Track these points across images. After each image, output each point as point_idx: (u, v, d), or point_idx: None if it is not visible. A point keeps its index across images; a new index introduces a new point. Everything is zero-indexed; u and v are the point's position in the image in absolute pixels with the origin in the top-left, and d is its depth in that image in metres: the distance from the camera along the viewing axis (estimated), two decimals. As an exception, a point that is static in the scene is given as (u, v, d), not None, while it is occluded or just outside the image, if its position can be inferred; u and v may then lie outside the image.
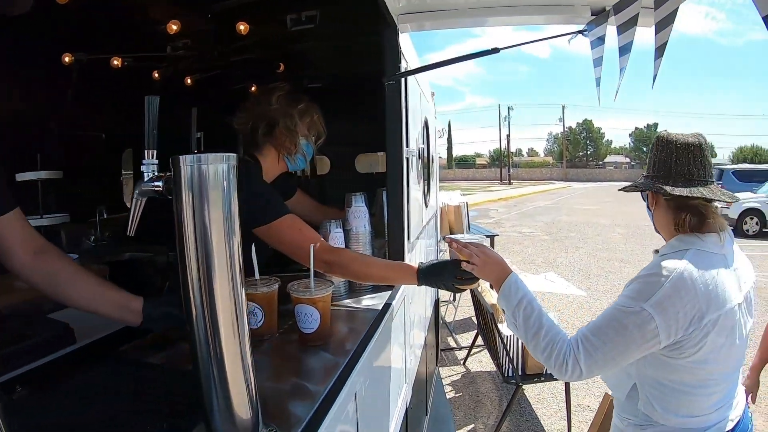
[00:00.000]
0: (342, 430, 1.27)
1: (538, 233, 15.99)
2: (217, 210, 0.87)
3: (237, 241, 0.90)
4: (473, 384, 5.09)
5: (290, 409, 1.16)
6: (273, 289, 1.62)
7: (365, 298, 2.04)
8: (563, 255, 12.10)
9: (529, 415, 4.48)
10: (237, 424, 0.92)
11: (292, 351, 1.58)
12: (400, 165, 2.15)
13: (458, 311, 7.11)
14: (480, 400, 4.74)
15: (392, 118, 2.15)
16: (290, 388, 1.30)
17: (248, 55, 2.95)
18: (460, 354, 5.79)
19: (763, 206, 15.36)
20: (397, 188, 2.16)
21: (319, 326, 1.56)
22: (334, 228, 2.03)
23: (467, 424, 4.31)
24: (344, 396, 1.24)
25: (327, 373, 1.34)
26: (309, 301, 1.55)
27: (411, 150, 2.25)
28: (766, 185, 16.46)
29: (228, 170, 0.88)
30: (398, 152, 2.15)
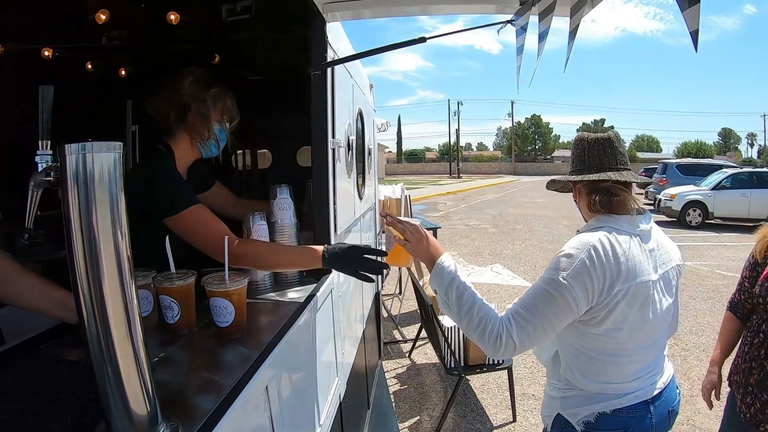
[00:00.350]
0: (250, 423, 1.26)
1: (485, 226, 16.20)
2: (103, 200, 0.84)
3: (124, 233, 0.87)
4: (418, 376, 5.10)
5: (197, 404, 1.13)
6: (189, 282, 1.57)
7: (290, 291, 1.99)
8: (510, 247, 12.28)
9: (474, 405, 4.51)
10: (134, 421, 0.90)
11: (208, 345, 1.53)
12: (325, 156, 2.11)
13: (404, 304, 7.15)
14: (425, 392, 4.76)
15: (318, 108, 2.11)
16: (200, 383, 1.27)
17: (182, 46, 2.86)
18: (406, 347, 5.80)
19: (706, 198, 16.02)
20: (322, 179, 2.12)
21: (235, 320, 1.52)
22: (258, 220, 1.98)
23: (412, 417, 4.31)
24: (251, 389, 1.22)
25: (239, 367, 1.30)
26: (223, 294, 1.51)
27: (337, 141, 2.21)
28: (708, 178, 17.17)
29: (115, 159, 0.85)
30: (323, 143, 2.11)
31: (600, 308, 1.70)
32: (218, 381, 1.24)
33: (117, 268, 0.86)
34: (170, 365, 1.39)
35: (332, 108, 2.18)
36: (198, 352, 1.52)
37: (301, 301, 1.82)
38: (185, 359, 1.47)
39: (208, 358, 1.48)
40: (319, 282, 2.04)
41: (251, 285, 1.95)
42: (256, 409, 1.28)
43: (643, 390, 1.81)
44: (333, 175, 2.18)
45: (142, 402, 0.91)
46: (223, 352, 1.48)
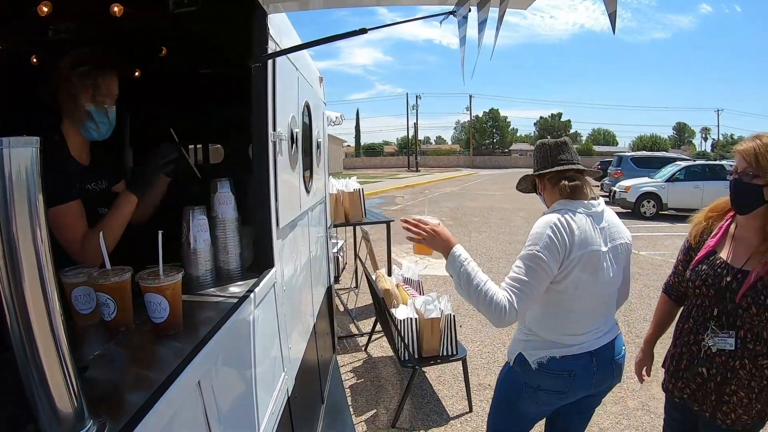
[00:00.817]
0: (181, 418, 1.24)
1: (442, 218, 16.22)
2: (21, 198, 0.85)
3: (42, 228, 0.88)
4: (375, 369, 5.11)
5: (128, 400, 1.13)
6: (124, 278, 1.54)
7: (232, 285, 1.97)
8: (466, 239, 12.41)
9: (431, 397, 4.54)
10: (60, 419, 0.92)
11: (144, 342, 1.51)
12: (265, 149, 2.09)
13: (360, 298, 7.14)
14: (382, 386, 4.76)
15: (257, 100, 2.08)
16: (133, 380, 1.26)
17: (127, 39, 2.81)
18: (362, 340, 5.79)
19: (660, 190, 16.50)
20: (262, 172, 2.09)
21: (170, 315, 1.49)
22: (198, 215, 1.94)
23: (369, 410, 4.31)
24: (181, 384, 1.21)
25: (172, 363, 1.29)
26: (156, 290, 1.48)
27: (279, 134, 2.18)
28: (662, 171, 17.65)
29: (32, 155, 0.86)
30: (263, 136, 2.08)
31: (561, 272, 2.14)
32: (151, 377, 1.23)
33: (37, 269, 0.87)
34: (105, 363, 1.37)
35: (273, 100, 2.15)
36: (133, 349, 1.49)
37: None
38: (120, 356, 1.45)
39: (143, 355, 1.46)
40: (260, 276, 2.02)
41: (192, 280, 1.93)
42: (187, 405, 1.27)
43: (588, 343, 2.24)
44: (274, 168, 2.15)
45: (67, 400, 0.92)
46: (159, 348, 1.47)
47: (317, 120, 3.70)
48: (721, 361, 2.08)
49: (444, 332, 4.12)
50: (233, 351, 1.67)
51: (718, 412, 2.11)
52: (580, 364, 2.23)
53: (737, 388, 2.05)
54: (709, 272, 2.14)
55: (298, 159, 2.68)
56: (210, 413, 1.37)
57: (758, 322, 1.98)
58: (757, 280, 1.98)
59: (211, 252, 1.98)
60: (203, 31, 2.83)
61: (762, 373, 2.01)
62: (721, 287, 2.09)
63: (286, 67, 2.47)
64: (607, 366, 2.29)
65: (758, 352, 2.01)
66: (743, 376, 2.04)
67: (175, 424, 1.21)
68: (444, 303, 4.22)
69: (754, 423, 2.06)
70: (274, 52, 2.14)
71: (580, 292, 2.17)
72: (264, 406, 1.94)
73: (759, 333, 2.01)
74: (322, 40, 2.09)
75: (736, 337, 2.04)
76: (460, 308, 6.93)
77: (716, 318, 2.11)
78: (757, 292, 1.97)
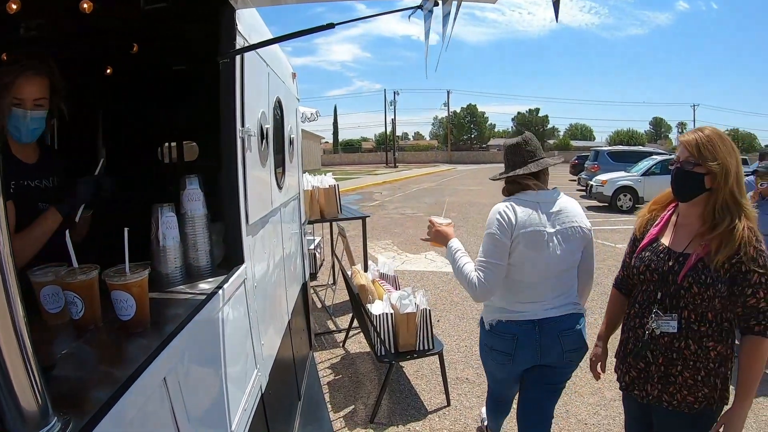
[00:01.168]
0: (146, 414, 1.25)
1: (420, 214, 16.31)
2: None
3: (2, 229, 0.89)
4: (353, 365, 5.11)
5: (93, 397, 1.13)
6: (91, 276, 1.53)
7: (202, 282, 1.96)
8: (444, 234, 12.35)
9: (409, 391, 4.55)
10: (24, 416, 0.93)
11: (112, 339, 1.51)
12: (234, 145, 2.08)
13: (338, 294, 7.14)
14: (360, 381, 4.76)
15: (225, 96, 2.07)
16: (100, 377, 1.26)
17: (98, 36, 2.78)
18: (340, 337, 5.78)
19: (636, 184, 16.76)
20: (231, 168, 2.09)
21: (136, 312, 1.50)
22: (167, 212, 1.93)
23: (347, 406, 4.31)
24: (146, 380, 1.22)
25: (138, 360, 1.29)
26: (122, 287, 1.49)
27: (247, 129, 2.17)
28: (638, 165, 17.89)
29: None
30: (231, 132, 2.07)
31: (510, 247, 2.54)
32: (116, 374, 1.23)
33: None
34: (72, 361, 1.39)
35: (242, 96, 2.14)
36: (101, 347, 1.49)
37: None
38: (88, 354, 1.45)
39: (110, 353, 1.47)
40: (229, 273, 2.01)
41: (161, 278, 1.93)
42: (152, 401, 1.28)
43: (533, 312, 2.60)
44: (243, 164, 2.14)
45: (31, 398, 0.94)
46: (126, 345, 1.47)
47: (290, 116, 3.68)
48: (665, 343, 2.15)
49: (420, 327, 4.15)
50: (201, 347, 1.66)
51: (664, 394, 2.17)
52: (523, 330, 2.61)
53: (682, 368, 2.12)
54: (653, 258, 2.23)
55: (269, 155, 2.67)
56: (177, 409, 1.37)
57: (701, 301, 2.05)
58: (698, 261, 2.07)
59: (180, 249, 1.97)
60: (174, 28, 2.81)
61: (708, 355, 2.08)
62: (663, 271, 2.16)
63: (255, 62, 2.46)
64: (552, 337, 2.59)
65: (703, 334, 2.08)
66: (688, 357, 2.10)
67: (141, 420, 1.21)
68: (419, 298, 4.24)
69: (702, 408, 2.11)
70: (241, 48, 2.13)
71: (527, 267, 2.56)
72: (236, 403, 1.94)
73: (704, 314, 2.08)
74: (289, 36, 2.08)
75: (680, 319, 2.11)
76: (437, 303, 6.97)
77: (660, 301, 2.18)
78: (698, 272, 2.05)
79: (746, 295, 1.99)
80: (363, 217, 6.31)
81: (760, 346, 2.01)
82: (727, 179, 2.03)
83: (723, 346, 2.09)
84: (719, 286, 2.01)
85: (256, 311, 2.30)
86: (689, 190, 2.14)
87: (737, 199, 2.05)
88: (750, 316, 2.01)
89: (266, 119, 2.59)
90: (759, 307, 1.99)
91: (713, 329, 2.08)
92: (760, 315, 1.99)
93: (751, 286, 1.98)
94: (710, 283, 2.03)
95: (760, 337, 2.00)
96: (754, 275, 1.98)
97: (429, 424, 4.01)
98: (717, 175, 2.04)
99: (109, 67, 3.33)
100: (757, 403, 4.16)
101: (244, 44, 2.21)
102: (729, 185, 2.04)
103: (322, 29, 1.96)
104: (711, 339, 2.08)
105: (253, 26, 2.43)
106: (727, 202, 2.04)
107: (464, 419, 4.08)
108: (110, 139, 3.71)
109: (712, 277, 2.02)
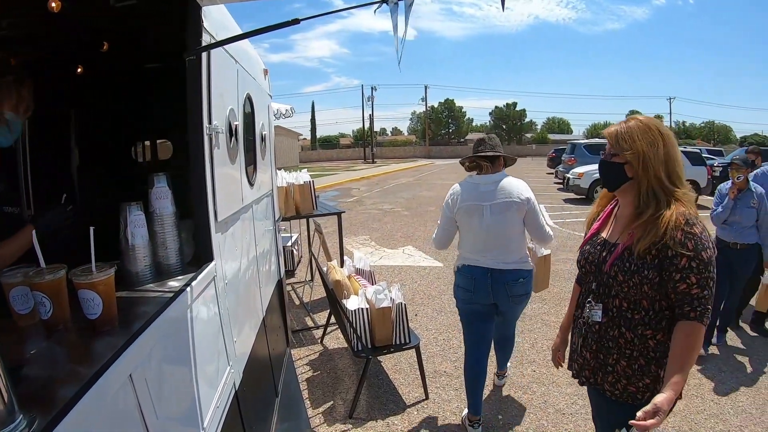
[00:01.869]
0: (112, 411, 1.25)
1: (398, 209, 16.36)
2: None
3: None
4: (331, 361, 5.12)
5: (59, 395, 1.13)
6: (59, 276, 1.52)
7: (171, 280, 1.95)
8: (422, 229, 12.49)
9: (387, 386, 4.59)
10: None
11: (80, 338, 1.51)
12: (201, 142, 2.07)
13: (315, 290, 7.14)
14: (338, 377, 4.78)
15: (192, 93, 2.06)
16: (65, 375, 1.26)
17: (69, 35, 2.76)
18: (318, 333, 5.79)
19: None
20: (198, 166, 2.08)
21: (103, 311, 1.49)
22: (135, 211, 1.92)
23: (326, 402, 4.33)
24: (111, 377, 1.22)
25: (104, 357, 1.29)
26: (88, 286, 1.48)
27: (215, 126, 2.16)
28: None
29: None
30: (198, 129, 2.06)
31: (455, 216, 3.65)
32: (82, 372, 1.23)
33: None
34: (41, 360, 1.39)
35: (209, 93, 2.13)
36: (69, 346, 1.49)
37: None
38: (56, 353, 1.45)
39: (78, 351, 1.47)
40: (198, 270, 2.01)
41: (131, 276, 1.92)
42: (118, 398, 1.28)
43: (484, 261, 3.58)
44: (211, 161, 2.13)
45: None
46: (94, 344, 1.46)
47: (261, 112, 3.67)
48: (597, 331, 2.18)
49: (396, 321, 4.16)
50: (169, 345, 1.66)
51: (605, 384, 2.18)
52: (478, 273, 3.60)
53: (619, 357, 2.12)
54: (591, 250, 2.26)
55: (239, 151, 2.66)
56: (145, 407, 1.37)
57: (628, 289, 2.05)
58: (624, 249, 2.08)
59: (149, 248, 1.96)
60: (144, 25, 2.79)
61: (646, 344, 2.07)
62: (598, 262, 2.19)
63: (223, 59, 2.45)
64: (500, 284, 3.57)
65: (638, 322, 2.08)
66: (623, 346, 2.11)
67: (107, 417, 1.21)
68: (395, 292, 4.26)
69: (647, 399, 2.00)
70: (208, 44, 2.12)
71: (466, 229, 3.64)
72: (208, 400, 1.94)
73: (638, 302, 2.07)
74: (255, 32, 2.07)
75: (611, 308, 2.14)
76: (415, 297, 7.00)
77: (594, 291, 2.21)
78: (623, 260, 2.06)
79: (675, 280, 1.95)
80: (338, 213, 6.31)
81: (695, 332, 1.94)
82: (646, 167, 2.04)
83: (663, 335, 2.06)
84: (646, 273, 2.00)
85: (227, 308, 2.30)
86: (613, 180, 2.17)
87: (665, 186, 2.04)
88: (684, 302, 1.96)
89: (235, 116, 2.58)
90: (692, 293, 1.94)
91: (650, 317, 2.06)
92: (695, 301, 1.94)
93: (680, 270, 1.94)
94: (635, 270, 2.02)
95: (695, 322, 1.94)
96: (682, 259, 1.93)
97: (408, 418, 4.05)
98: (634, 164, 2.06)
99: (80, 66, 3.28)
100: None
101: (211, 41, 2.20)
102: (651, 172, 2.04)
103: (288, 24, 1.95)
104: (648, 327, 2.06)
105: (221, 23, 2.41)
106: (653, 189, 2.04)
107: (443, 412, 4.12)
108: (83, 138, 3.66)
109: (636, 264, 2.02)
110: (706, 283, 1.93)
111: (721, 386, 4.56)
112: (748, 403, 4.25)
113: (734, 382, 4.64)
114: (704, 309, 1.93)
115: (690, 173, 17.07)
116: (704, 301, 1.93)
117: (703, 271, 1.93)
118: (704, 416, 4.04)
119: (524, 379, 4.68)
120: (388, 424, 3.96)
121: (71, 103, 3.58)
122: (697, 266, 1.93)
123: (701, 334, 1.94)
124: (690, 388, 4.48)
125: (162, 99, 3.14)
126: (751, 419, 4.01)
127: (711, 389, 4.51)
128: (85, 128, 3.66)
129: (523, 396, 4.37)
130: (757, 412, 4.12)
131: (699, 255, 1.93)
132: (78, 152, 3.65)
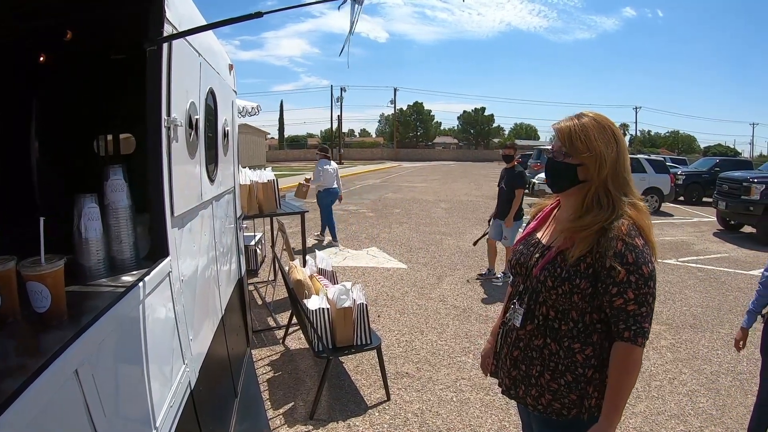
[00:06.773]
0: (56, 406, 1.21)
1: (363, 210, 16.36)
2: None
3: None
4: (292, 362, 5.07)
5: (2, 388, 1.09)
6: (7, 268, 1.47)
7: (125, 275, 1.91)
8: (387, 230, 12.51)
9: (349, 387, 4.57)
10: None
11: (29, 332, 1.47)
12: (158, 134, 2.03)
13: (278, 290, 7.09)
14: (299, 378, 4.74)
15: (151, 84, 2.02)
16: (10, 369, 1.22)
17: (29, 20, 2.67)
18: (280, 333, 5.74)
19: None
20: (155, 158, 2.03)
21: (52, 304, 1.46)
22: (89, 203, 1.86)
23: (287, 403, 4.28)
24: (55, 372, 1.18)
25: (49, 351, 1.25)
26: (37, 278, 1.44)
27: (173, 119, 2.12)
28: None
29: None
30: (156, 120, 2.02)
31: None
32: (27, 366, 1.19)
33: None
34: None
35: (168, 85, 2.09)
36: (17, 339, 1.44)
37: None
38: (2, 347, 1.39)
39: (25, 344, 1.43)
40: (152, 265, 1.97)
41: (84, 270, 1.87)
42: (63, 393, 1.24)
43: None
44: (168, 154, 2.09)
45: None
46: (42, 337, 1.43)
47: (225, 108, 3.62)
48: (519, 337, 2.04)
49: (357, 322, 4.15)
50: (119, 340, 1.62)
51: (528, 397, 2.01)
52: None
53: (543, 369, 1.96)
54: (524, 251, 2.11)
55: (199, 146, 2.62)
56: (91, 403, 1.33)
57: (557, 296, 1.90)
58: (558, 254, 1.93)
59: (103, 241, 1.91)
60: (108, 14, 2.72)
61: (573, 358, 1.91)
62: (528, 264, 2.04)
63: (185, 51, 2.41)
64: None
65: (565, 334, 1.93)
66: (547, 357, 1.95)
67: (51, 412, 1.18)
68: (357, 293, 4.24)
69: (573, 416, 1.93)
70: (168, 35, 2.08)
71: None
72: (160, 399, 1.89)
73: (566, 312, 1.93)
74: (217, 23, 2.07)
75: (537, 315, 1.98)
76: (378, 298, 7.00)
77: (520, 294, 2.07)
78: (555, 266, 1.91)
79: (611, 293, 1.80)
80: (302, 212, 6.28)
81: (630, 355, 1.80)
82: (600, 171, 1.87)
83: (593, 350, 1.89)
84: (578, 281, 1.84)
85: (183, 305, 2.25)
86: (562, 182, 1.99)
87: (611, 192, 1.88)
88: (619, 319, 1.81)
89: (196, 110, 2.54)
90: (628, 309, 1.78)
91: (579, 330, 1.91)
92: (630, 318, 1.79)
93: (617, 284, 1.78)
94: (566, 277, 1.87)
95: (630, 344, 1.79)
96: (620, 273, 1.77)
97: (369, 419, 4.03)
98: (591, 168, 1.88)
99: (42, 54, 3.19)
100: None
101: (173, 32, 2.16)
102: (602, 177, 1.87)
103: (251, 17, 1.94)
104: (576, 340, 1.90)
105: (185, 15, 2.37)
106: (598, 195, 1.89)
107: (404, 413, 4.11)
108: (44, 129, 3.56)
109: (569, 271, 1.86)
110: (644, 299, 1.79)
111: (681, 387, 4.67)
112: (708, 405, 4.35)
113: (695, 384, 4.75)
114: (639, 328, 1.79)
115: (654, 181, 17.48)
116: (640, 319, 1.79)
117: (642, 287, 1.78)
118: (665, 417, 4.12)
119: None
120: (349, 426, 3.93)
121: (33, 92, 3.48)
122: (636, 281, 1.77)
123: (636, 356, 1.81)
124: (651, 390, 4.58)
125: (126, 92, 3.07)
126: (711, 420, 4.10)
127: (672, 390, 4.60)
128: (46, 119, 3.56)
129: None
130: (717, 413, 4.22)
131: (639, 269, 1.78)
132: (38, 144, 3.55)
